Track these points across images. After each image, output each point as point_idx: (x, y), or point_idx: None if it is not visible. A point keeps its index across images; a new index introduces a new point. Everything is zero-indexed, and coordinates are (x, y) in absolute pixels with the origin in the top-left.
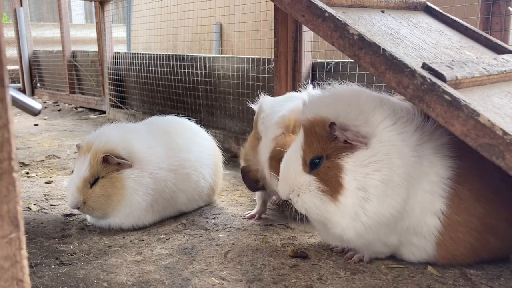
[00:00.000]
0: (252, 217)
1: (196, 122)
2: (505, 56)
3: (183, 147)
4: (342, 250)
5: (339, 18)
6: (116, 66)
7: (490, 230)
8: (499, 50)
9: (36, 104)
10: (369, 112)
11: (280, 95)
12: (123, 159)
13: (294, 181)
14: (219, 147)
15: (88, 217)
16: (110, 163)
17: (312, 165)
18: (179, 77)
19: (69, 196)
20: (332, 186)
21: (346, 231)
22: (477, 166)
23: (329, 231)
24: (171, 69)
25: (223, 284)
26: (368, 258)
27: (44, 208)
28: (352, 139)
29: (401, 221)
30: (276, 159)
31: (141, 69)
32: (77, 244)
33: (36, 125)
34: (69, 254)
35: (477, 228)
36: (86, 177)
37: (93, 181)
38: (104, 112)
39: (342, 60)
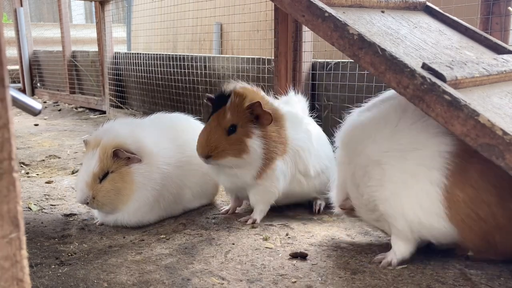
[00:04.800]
0: (226, 212)
1: None
2: (505, 56)
3: (190, 144)
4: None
5: (339, 18)
6: (116, 66)
7: None
8: (499, 50)
9: (36, 104)
10: None
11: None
12: (132, 153)
13: None
14: None
15: (95, 213)
16: (120, 158)
17: None
18: (179, 77)
19: (78, 191)
20: None
21: None
22: None
23: None
24: (171, 69)
25: (223, 284)
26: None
27: (44, 208)
28: None
29: None
30: None
31: (141, 69)
32: (77, 244)
33: (36, 125)
34: (69, 254)
35: None
36: (95, 172)
37: (103, 176)
38: (104, 112)
39: (342, 60)
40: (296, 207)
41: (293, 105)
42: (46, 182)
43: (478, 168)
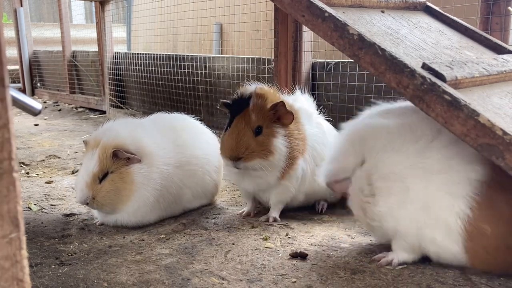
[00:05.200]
0: (248, 214)
1: None
2: (505, 56)
3: (190, 144)
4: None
5: (339, 18)
6: (116, 66)
7: None
8: (499, 50)
9: (36, 104)
10: None
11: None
12: (132, 154)
13: None
14: None
15: (95, 213)
16: (120, 158)
17: None
18: (179, 77)
19: (78, 191)
20: None
21: None
22: None
23: None
24: (171, 69)
25: (223, 284)
26: None
27: (44, 208)
28: None
29: None
30: None
31: (141, 69)
32: (77, 244)
33: (36, 125)
34: (69, 254)
35: None
36: (95, 173)
37: (102, 176)
38: (104, 112)
39: (342, 60)
40: (296, 208)
41: (301, 103)
42: (46, 182)
43: (510, 200)
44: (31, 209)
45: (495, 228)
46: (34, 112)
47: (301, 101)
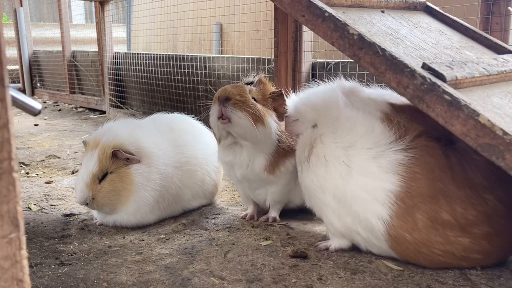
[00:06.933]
0: (251, 217)
1: None
2: (505, 56)
3: (189, 144)
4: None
5: (339, 18)
6: (116, 66)
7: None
8: (499, 50)
9: (36, 104)
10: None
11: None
12: (131, 154)
13: None
14: None
15: (95, 214)
16: (119, 158)
17: None
18: (179, 77)
19: (78, 192)
20: None
21: None
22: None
23: None
24: (171, 69)
25: (223, 284)
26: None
27: (44, 208)
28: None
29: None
30: None
31: (141, 69)
32: (77, 244)
33: (36, 125)
34: (69, 254)
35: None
36: (94, 173)
37: (102, 176)
38: (104, 112)
39: (342, 60)
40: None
41: None
42: (46, 182)
43: (425, 210)
44: (31, 209)
45: (413, 234)
46: (34, 112)
47: None
